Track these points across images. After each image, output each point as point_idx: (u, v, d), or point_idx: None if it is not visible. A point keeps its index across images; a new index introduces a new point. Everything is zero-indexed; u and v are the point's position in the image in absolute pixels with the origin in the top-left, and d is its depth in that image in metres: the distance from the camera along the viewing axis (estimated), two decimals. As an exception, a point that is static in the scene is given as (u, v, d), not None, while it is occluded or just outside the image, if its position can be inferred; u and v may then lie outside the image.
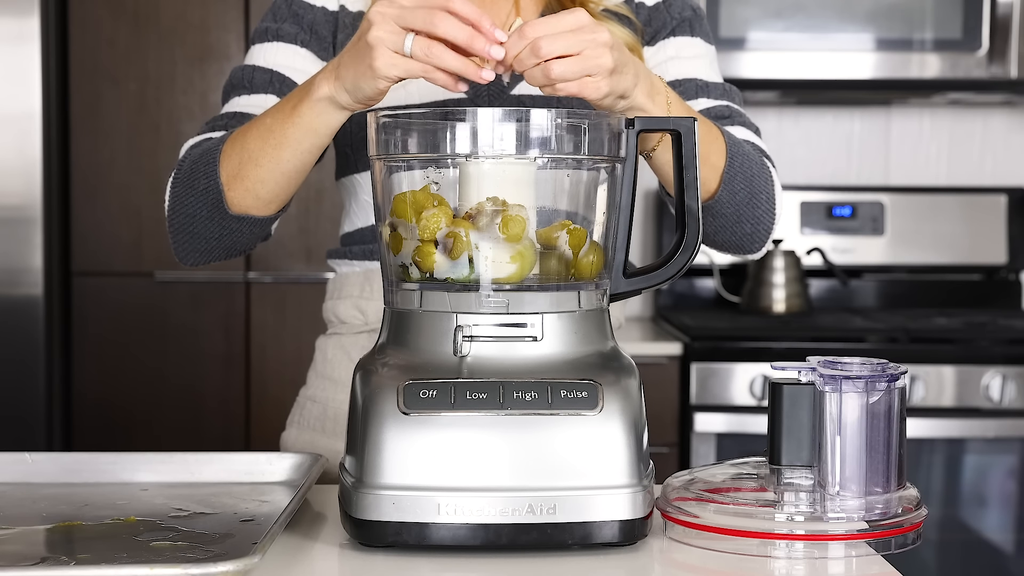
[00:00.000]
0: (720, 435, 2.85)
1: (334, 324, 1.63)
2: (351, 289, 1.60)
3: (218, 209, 1.40)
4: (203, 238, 1.44)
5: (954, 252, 3.44)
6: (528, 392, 1.08)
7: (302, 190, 2.00)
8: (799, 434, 1.16)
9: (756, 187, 1.45)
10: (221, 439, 3.14)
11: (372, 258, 1.59)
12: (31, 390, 3.04)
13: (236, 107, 1.52)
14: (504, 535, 1.07)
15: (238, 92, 1.53)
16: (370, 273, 1.59)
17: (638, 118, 1.19)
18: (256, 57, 1.55)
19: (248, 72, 1.54)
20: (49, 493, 1.29)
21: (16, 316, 3.04)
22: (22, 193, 3.02)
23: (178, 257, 1.51)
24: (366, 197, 1.58)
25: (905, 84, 3.19)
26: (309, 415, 1.62)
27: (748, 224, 1.47)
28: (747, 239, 1.49)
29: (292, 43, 1.54)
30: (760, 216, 1.47)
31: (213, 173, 1.38)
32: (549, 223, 1.16)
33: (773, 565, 1.09)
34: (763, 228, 1.49)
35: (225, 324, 3.17)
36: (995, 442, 2.89)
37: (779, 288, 3.24)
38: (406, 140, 1.15)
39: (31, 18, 3.00)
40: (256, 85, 1.52)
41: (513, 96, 1.55)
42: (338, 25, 1.55)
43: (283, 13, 1.56)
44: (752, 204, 1.45)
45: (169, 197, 1.46)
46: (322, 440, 1.59)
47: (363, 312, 1.59)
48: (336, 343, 1.62)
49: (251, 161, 1.36)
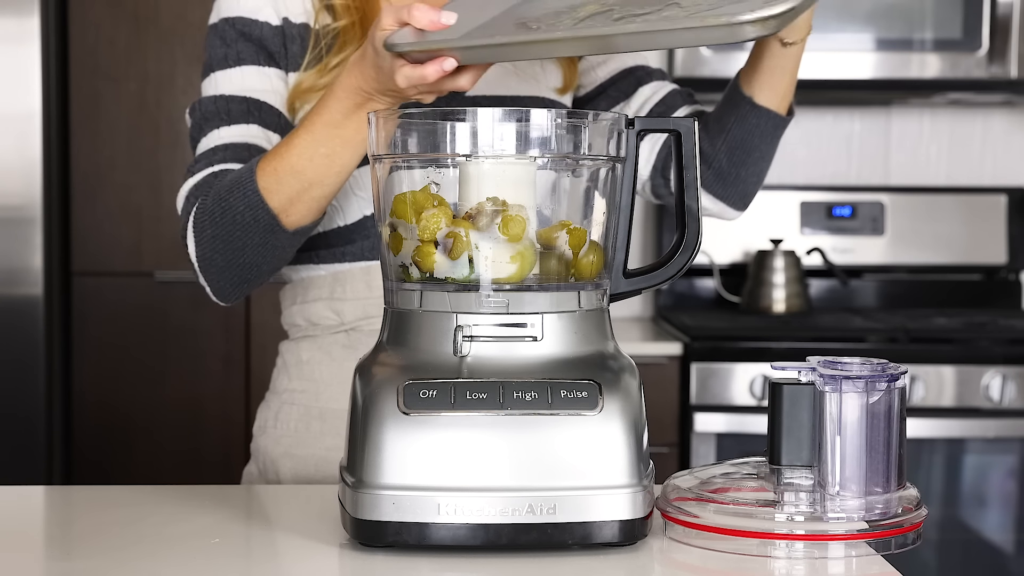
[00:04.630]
0: (720, 435, 2.85)
1: (302, 328, 1.60)
2: (319, 292, 1.58)
3: (271, 234, 1.41)
4: (253, 267, 1.44)
5: (954, 252, 3.44)
6: (528, 392, 1.08)
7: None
8: (799, 434, 1.16)
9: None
10: (221, 439, 3.14)
11: (342, 260, 1.57)
12: (31, 390, 3.04)
13: (222, 139, 1.50)
14: (504, 535, 1.07)
15: (215, 125, 1.51)
16: (338, 275, 1.57)
17: (638, 118, 1.20)
18: (221, 85, 1.52)
19: (221, 103, 1.51)
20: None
21: (16, 316, 3.04)
22: (22, 193, 3.03)
23: (220, 297, 1.49)
24: (334, 202, 1.56)
25: (905, 84, 3.19)
26: (287, 420, 1.59)
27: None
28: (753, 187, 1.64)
29: (256, 64, 1.52)
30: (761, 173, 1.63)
31: (259, 203, 1.39)
32: (549, 223, 1.16)
33: (773, 565, 1.09)
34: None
35: (225, 324, 3.17)
36: (995, 442, 2.89)
37: (779, 288, 3.24)
38: (406, 140, 1.15)
39: (31, 18, 3.00)
40: (234, 116, 1.50)
41: (468, 97, 1.55)
42: (286, 37, 1.53)
43: (231, 36, 1.53)
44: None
45: (197, 241, 1.44)
46: (307, 440, 1.56)
47: (338, 312, 1.56)
48: (312, 344, 1.59)
49: (317, 184, 1.39)
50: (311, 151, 1.37)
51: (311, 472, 1.55)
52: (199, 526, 1.21)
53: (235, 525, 1.23)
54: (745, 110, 1.56)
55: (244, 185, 1.40)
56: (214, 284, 1.46)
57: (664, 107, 1.64)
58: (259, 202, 1.39)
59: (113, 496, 1.37)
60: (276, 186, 1.39)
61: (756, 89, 1.55)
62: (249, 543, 1.20)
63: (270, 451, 1.59)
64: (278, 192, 1.39)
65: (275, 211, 1.39)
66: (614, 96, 1.67)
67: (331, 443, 1.54)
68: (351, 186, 1.54)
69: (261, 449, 1.60)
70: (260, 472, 1.60)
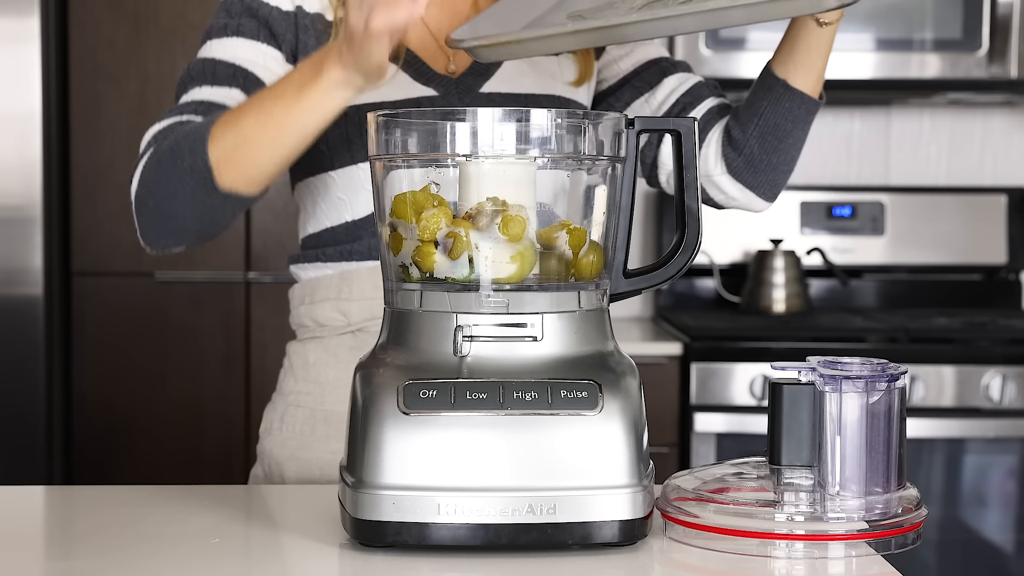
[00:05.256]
0: (720, 435, 2.85)
1: (310, 328, 1.60)
2: (327, 292, 1.58)
3: (203, 187, 1.39)
4: (180, 218, 1.44)
5: (954, 252, 3.44)
6: (528, 392, 1.08)
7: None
8: (799, 434, 1.16)
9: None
10: (221, 439, 3.14)
11: (350, 258, 1.57)
12: (31, 390, 3.04)
13: (201, 96, 1.50)
14: (504, 535, 1.07)
15: (198, 84, 1.51)
16: (346, 275, 1.57)
17: (638, 118, 1.20)
18: (215, 51, 1.53)
19: (209, 65, 1.52)
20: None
21: (16, 316, 3.04)
22: (22, 193, 3.02)
23: (145, 240, 1.50)
24: (340, 195, 1.57)
25: (905, 84, 3.18)
26: (292, 422, 1.58)
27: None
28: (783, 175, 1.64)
29: (254, 39, 1.52)
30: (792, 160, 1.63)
31: (201, 152, 1.38)
32: (549, 223, 1.16)
33: (773, 565, 1.09)
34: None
35: (225, 324, 3.16)
36: (995, 442, 2.89)
37: (779, 288, 3.24)
38: (406, 140, 1.15)
39: (31, 18, 3.00)
40: (219, 78, 1.51)
41: (483, 94, 1.55)
42: (298, 26, 1.53)
43: (237, 9, 1.54)
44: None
45: (139, 179, 1.46)
46: (312, 443, 1.56)
47: (344, 313, 1.56)
48: (318, 346, 1.59)
49: (248, 145, 1.36)
50: (256, 111, 1.36)
51: (316, 475, 1.54)
52: (199, 526, 1.21)
53: (235, 525, 1.23)
54: (779, 93, 1.55)
55: (197, 133, 1.40)
56: (143, 226, 1.49)
57: (691, 98, 1.64)
58: (201, 150, 1.38)
59: (113, 496, 1.37)
60: (220, 138, 1.38)
61: (791, 71, 1.55)
62: (249, 543, 1.20)
63: (275, 454, 1.58)
64: (219, 144, 1.38)
65: (212, 163, 1.38)
66: (638, 87, 1.66)
67: (336, 447, 1.54)
68: (360, 180, 1.54)
69: (267, 452, 1.60)
70: (266, 475, 1.60)
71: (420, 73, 1.55)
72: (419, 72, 1.55)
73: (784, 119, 1.56)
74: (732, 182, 1.61)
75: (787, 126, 1.57)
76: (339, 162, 1.56)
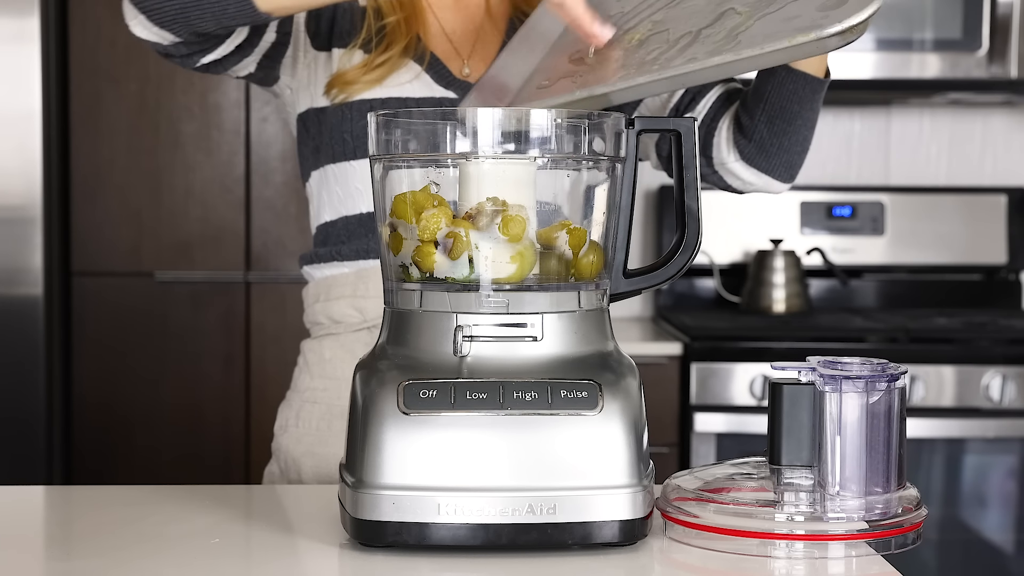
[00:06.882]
0: (720, 435, 2.85)
1: (325, 326, 1.61)
2: (342, 290, 1.59)
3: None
4: (197, 7, 1.43)
5: (954, 252, 3.44)
6: (528, 392, 1.08)
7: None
8: (799, 434, 1.16)
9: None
10: (221, 439, 3.14)
11: (366, 257, 1.58)
12: (31, 390, 3.04)
13: None
14: (504, 535, 1.07)
15: None
16: (361, 272, 1.58)
17: (638, 118, 1.20)
18: None
19: None
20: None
21: (16, 316, 3.04)
22: (22, 193, 3.02)
23: (149, 15, 1.52)
24: (359, 185, 1.58)
25: (905, 84, 3.18)
26: (308, 418, 1.60)
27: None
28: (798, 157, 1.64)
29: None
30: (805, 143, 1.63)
31: None
32: (549, 223, 1.16)
33: (773, 565, 1.09)
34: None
35: (225, 324, 3.16)
36: (995, 442, 2.89)
37: (779, 288, 3.24)
38: (406, 140, 1.15)
39: (31, 18, 3.00)
40: None
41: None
42: (337, 7, 1.55)
43: None
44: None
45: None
46: (329, 439, 1.57)
47: (360, 310, 1.58)
48: (334, 343, 1.61)
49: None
50: None
51: (332, 471, 1.55)
52: (199, 526, 1.21)
53: (235, 525, 1.23)
54: (782, 76, 1.55)
55: None
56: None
57: (700, 87, 1.64)
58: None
59: (113, 496, 1.37)
60: None
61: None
62: (249, 543, 1.20)
63: (291, 450, 1.59)
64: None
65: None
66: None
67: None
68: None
69: (283, 448, 1.61)
70: (282, 471, 1.60)
71: (440, 76, 1.59)
72: (440, 75, 1.59)
73: (790, 101, 1.56)
74: (746, 168, 1.62)
75: (794, 108, 1.57)
76: (361, 152, 1.57)
